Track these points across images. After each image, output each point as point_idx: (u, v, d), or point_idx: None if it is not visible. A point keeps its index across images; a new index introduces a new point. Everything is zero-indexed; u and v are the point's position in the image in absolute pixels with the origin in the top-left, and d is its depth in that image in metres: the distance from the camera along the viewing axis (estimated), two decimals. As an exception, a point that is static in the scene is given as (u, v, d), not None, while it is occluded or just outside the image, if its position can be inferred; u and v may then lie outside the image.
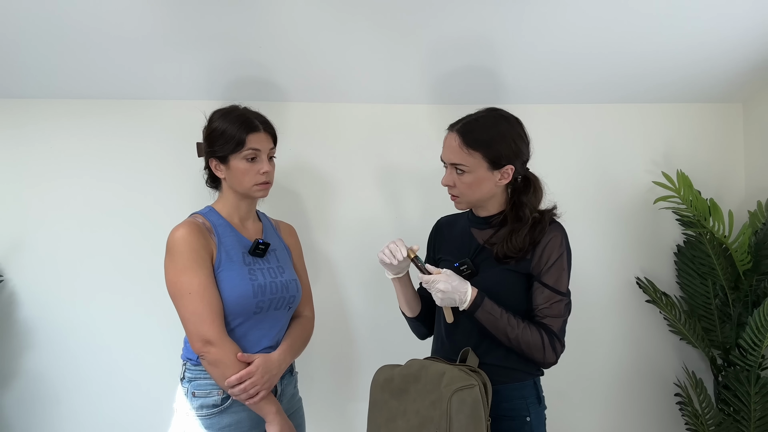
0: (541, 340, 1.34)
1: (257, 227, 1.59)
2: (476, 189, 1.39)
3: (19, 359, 1.98)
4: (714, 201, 2.05)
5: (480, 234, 1.46)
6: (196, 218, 1.49)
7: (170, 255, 1.42)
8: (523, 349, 1.34)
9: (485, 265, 1.41)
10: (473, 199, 1.42)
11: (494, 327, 1.33)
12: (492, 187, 1.40)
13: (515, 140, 1.39)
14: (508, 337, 1.33)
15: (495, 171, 1.37)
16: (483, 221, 1.46)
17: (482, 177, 1.37)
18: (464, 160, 1.36)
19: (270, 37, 1.80)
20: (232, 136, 1.47)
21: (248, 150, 1.47)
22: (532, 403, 1.39)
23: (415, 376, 1.32)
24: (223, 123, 1.48)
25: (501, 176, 1.38)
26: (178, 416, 1.45)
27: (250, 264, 1.48)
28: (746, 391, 1.96)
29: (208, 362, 1.39)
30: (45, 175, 1.99)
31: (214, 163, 1.51)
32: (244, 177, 1.48)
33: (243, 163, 1.48)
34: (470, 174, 1.37)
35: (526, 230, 1.37)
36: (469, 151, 1.35)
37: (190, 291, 1.38)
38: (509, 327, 1.33)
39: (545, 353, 1.34)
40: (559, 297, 1.36)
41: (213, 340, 1.37)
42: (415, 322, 1.60)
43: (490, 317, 1.33)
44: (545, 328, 1.36)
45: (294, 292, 1.55)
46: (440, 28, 1.80)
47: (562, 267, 1.37)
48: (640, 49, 1.94)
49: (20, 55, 1.78)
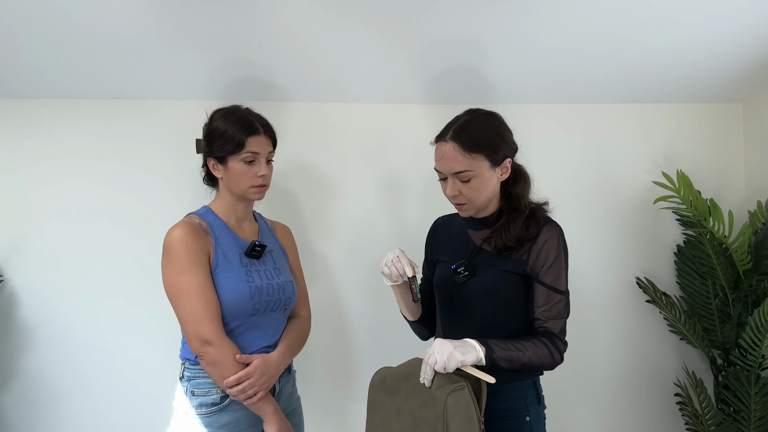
0: (548, 350, 1.33)
1: (253, 228, 1.59)
2: (484, 191, 1.38)
3: (19, 359, 1.98)
4: (714, 201, 2.05)
5: (476, 235, 1.46)
6: (192, 219, 1.48)
7: (167, 256, 1.42)
8: (536, 365, 1.32)
9: (482, 266, 1.41)
10: (482, 201, 1.40)
11: (510, 360, 1.28)
12: (495, 185, 1.41)
13: (505, 133, 1.42)
14: (523, 363, 1.30)
15: (496, 168, 1.38)
16: (479, 222, 1.46)
17: (487, 177, 1.37)
18: (468, 165, 1.35)
19: (269, 38, 1.80)
20: (232, 137, 1.46)
21: (247, 153, 1.47)
22: (532, 402, 1.40)
23: (405, 375, 1.32)
24: (223, 123, 1.48)
25: (502, 172, 1.40)
26: (177, 415, 1.46)
27: (246, 265, 1.48)
28: (746, 391, 1.96)
29: (206, 362, 1.39)
30: (45, 175, 1.99)
31: (212, 162, 1.51)
32: (241, 179, 1.48)
33: (241, 165, 1.47)
34: (477, 178, 1.36)
35: (522, 220, 1.39)
36: (471, 156, 1.34)
37: (189, 292, 1.38)
38: (520, 353, 1.29)
39: (554, 359, 1.34)
40: (559, 296, 1.37)
41: (211, 340, 1.37)
42: (416, 326, 1.61)
43: (504, 353, 1.28)
44: (546, 334, 1.35)
45: (290, 294, 1.56)
46: (439, 29, 1.80)
47: (560, 266, 1.38)
48: (640, 48, 1.94)
49: (20, 55, 1.78)
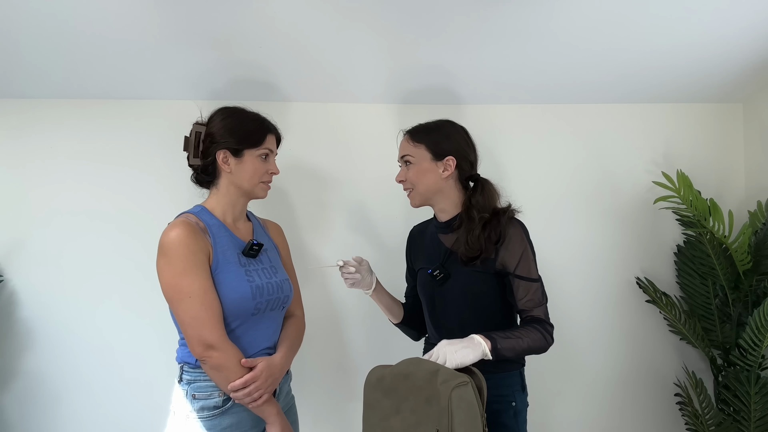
0: (540, 334, 1.44)
1: (248, 227, 1.58)
2: (423, 179, 1.54)
3: (19, 359, 1.98)
4: (714, 201, 2.04)
5: (446, 239, 1.57)
6: (188, 218, 1.45)
7: (166, 257, 1.38)
8: (534, 349, 1.44)
9: (455, 268, 1.52)
10: (422, 189, 1.55)
11: (513, 349, 1.40)
12: (437, 179, 1.54)
13: (456, 138, 1.56)
14: (523, 349, 1.42)
15: (438, 162, 1.53)
16: (445, 226, 1.58)
17: (426, 168, 1.54)
18: (410, 151, 1.55)
19: (267, 37, 1.80)
20: (252, 131, 1.50)
21: (264, 149, 1.51)
22: (517, 390, 1.53)
23: (404, 374, 1.33)
24: (239, 119, 1.50)
25: (444, 168, 1.53)
26: (177, 419, 1.44)
27: (245, 265, 1.47)
28: (746, 391, 1.96)
29: (210, 367, 1.38)
30: (45, 175, 1.99)
31: (223, 155, 1.48)
32: (254, 174, 1.50)
33: (256, 161, 1.50)
34: (416, 165, 1.55)
35: (479, 230, 1.48)
36: (414, 144, 1.55)
37: (191, 295, 1.35)
38: (520, 340, 1.41)
39: (547, 341, 1.46)
40: (535, 285, 1.49)
41: (215, 344, 1.36)
42: (402, 327, 1.74)
43: (507, 342, 1.39)
44: (536, 321, 1.47)
45: (288, 292, 1.56)
46: (442, 29, 1.80)
47: (529, 258, 1.49)
48: (640, 48, 1.94)
49: (20, 56, 1.78)
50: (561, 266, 2.17)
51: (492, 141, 2.08)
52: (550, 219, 2.18)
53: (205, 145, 1.50)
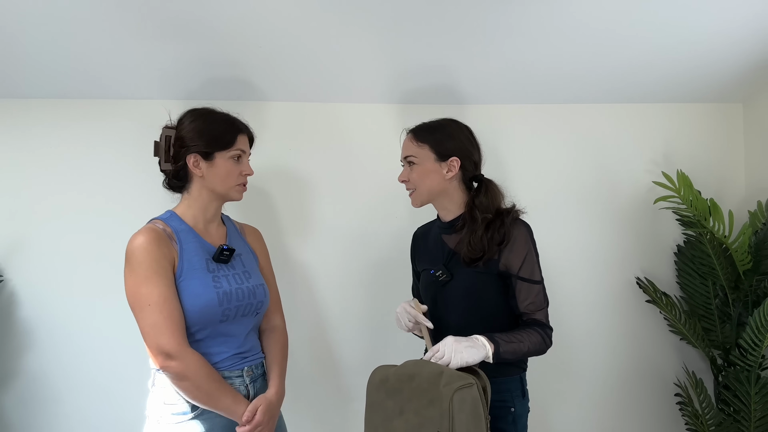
0: (541, 338, 1.45)
1: (221, 232, 1.54)
2: (427, 180, 1.52)
3: (19, 359, 1.98)
4: (714, 201, 2.04)
5: (449, 239, 1.56)
6: (156, 224, 1.43)
7: (129, 264, 1.37)
8: (533, 352, 1.45)
9: (458, 268, 1.51)
10: (425, 190, 1.54)
11: (514, 352, 1.41)
12: (441, 180, 1.52)
13: (461, 138, 1.54)
14: (524, 352, 1.43)
15: (442, 163, 1.52)
16: (449, 226, 1.57)
17: (430, 168, 1.52)
18: (414, 152, 1.53)
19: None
20: (221, 133, 1.46)
21: (236, 150, 1.48)
22: (517, 396, 1.52)
23: (409, 375, 1.32)
24: (208, 120, 1.47)
25: (448, 168, 1.52)
26: (149, 424, 1.42)
27: (214, 271, 1.43)
28: (746, 391, 1.96)
29: (173, 377, 1.35)
30: (45, 174, 1.99)
31: (194, 159, 1.45)
32: (227, 177, 1.47)
33: (228, 163, 1.47)
34: (419, 166, 1.52)
35: (481, 231, 1.47)
36: (418, 144, 1.53)
37: (150, 303, 1.33)
38: (521, 344, 1.42)
39: (546, 344, 1.47)
40: (538, 287, 1.49)
41: (172, 352, 1.32)
42: None
43: (509, 346, 1.40)
44: (536, 324, 1.47)
45: (262, 298, 1.51)
46: (436, 27, 1.80)
47: (533, 260, 1.49)
48: (640, 48, 1.94)
49: (20, 55, 1.78)
50: (561, 266, 2.16)
51: (493, 141, 2.07)
52: (550, 218, 2.18)
53: (176, 150, 1.46)
